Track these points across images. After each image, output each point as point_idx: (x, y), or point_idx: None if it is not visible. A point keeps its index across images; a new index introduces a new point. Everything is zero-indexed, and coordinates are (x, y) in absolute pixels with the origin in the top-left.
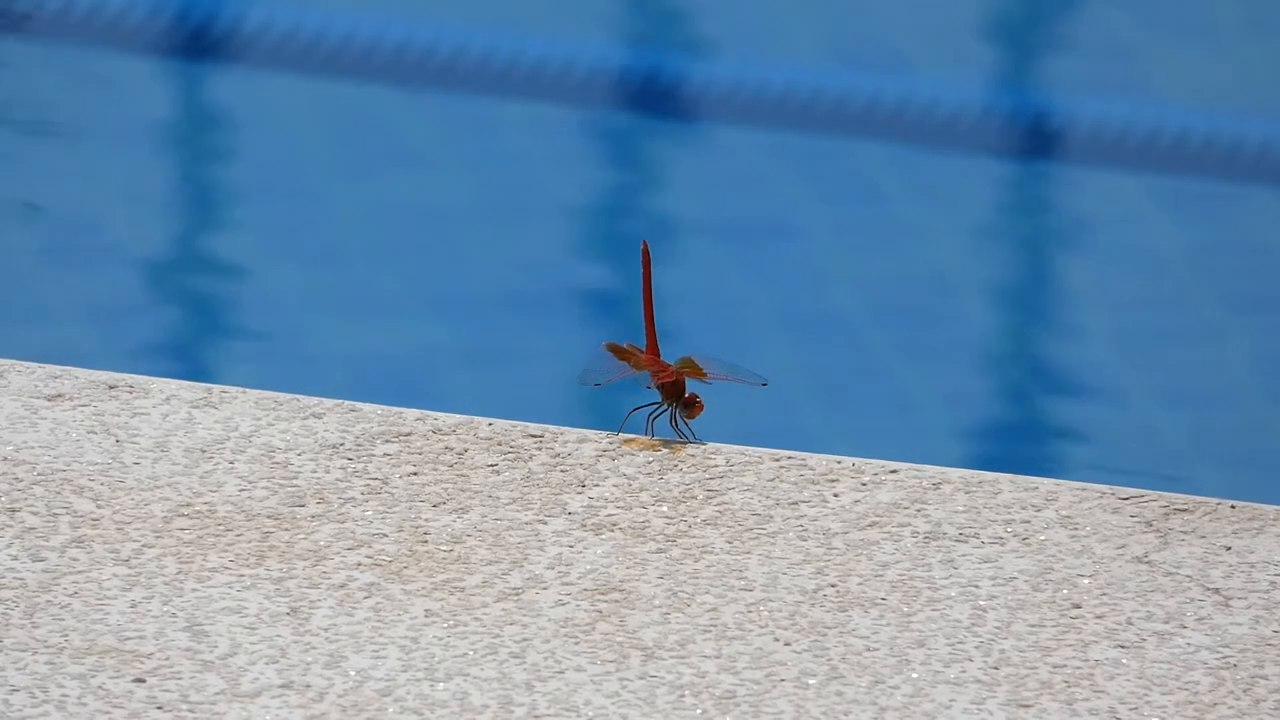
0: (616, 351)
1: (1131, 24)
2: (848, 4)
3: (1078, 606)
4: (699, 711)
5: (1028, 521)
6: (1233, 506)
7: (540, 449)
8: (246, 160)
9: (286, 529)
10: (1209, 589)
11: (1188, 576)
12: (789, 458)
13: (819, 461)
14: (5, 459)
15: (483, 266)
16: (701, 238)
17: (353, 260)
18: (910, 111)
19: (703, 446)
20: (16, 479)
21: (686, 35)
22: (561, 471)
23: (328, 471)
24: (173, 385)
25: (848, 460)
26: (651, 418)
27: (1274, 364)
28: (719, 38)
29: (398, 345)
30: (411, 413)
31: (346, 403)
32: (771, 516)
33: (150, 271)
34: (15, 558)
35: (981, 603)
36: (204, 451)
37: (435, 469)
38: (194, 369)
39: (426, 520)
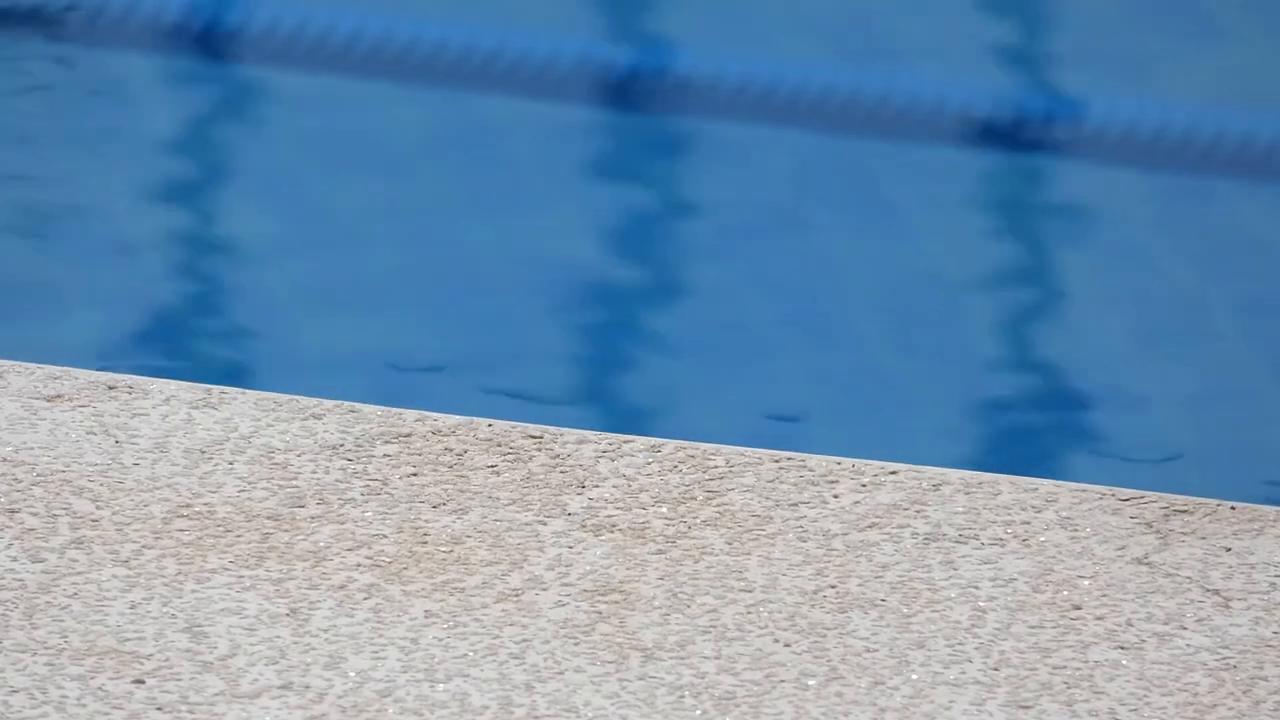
0: None
1: (1134, 22)
2: (848, 3)
3: (1078, 608)
4: (699, 712)
5: (1028, 523)
6: (1233, 508)
7: (540, 450)
8: (247, 160)
9: (286, 530)
10: (1209, 590)
11: (1188, 578)
12: (789, 459)
13: (819, 462)
14: (5, 460)
15: (484, 266)
16: (701, 237)
17: (353, 259)
18: (913, 109)
19: (702, 447)
20: (16, 480)
21: (685, 31)
22: (561, 472)
23: (327, 473)
24: (172, 386)
25: (847, 461)
26: None
27: (1274, 364)
28: (718, 35)
29: (398, 345)
30: (411, 414)
31: (346, 403)
32: (771, 518)
33: (150, 271)
34: (14, 559)
35: (981, 604)
36: (203, 452)
37: (435, 470)
38: (194, 369)
39: (426, 521)
